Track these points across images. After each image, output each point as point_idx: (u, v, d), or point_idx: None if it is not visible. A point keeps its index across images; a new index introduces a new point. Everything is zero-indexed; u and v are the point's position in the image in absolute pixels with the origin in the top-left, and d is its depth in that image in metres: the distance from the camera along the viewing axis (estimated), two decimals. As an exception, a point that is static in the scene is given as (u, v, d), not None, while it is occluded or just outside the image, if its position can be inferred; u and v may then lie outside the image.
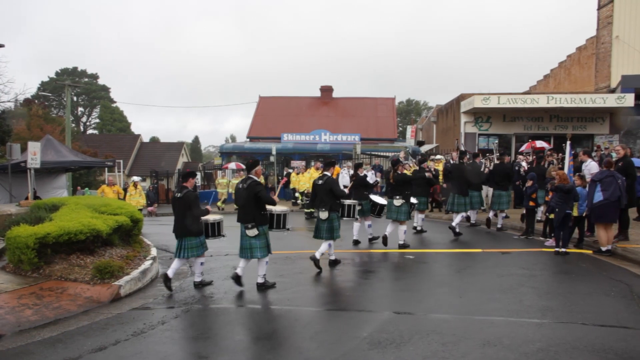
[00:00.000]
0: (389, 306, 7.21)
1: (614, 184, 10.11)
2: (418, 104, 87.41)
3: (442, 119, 34.62)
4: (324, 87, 45.89)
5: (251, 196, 8.55)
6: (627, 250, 10.22)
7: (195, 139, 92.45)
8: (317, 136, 35.99)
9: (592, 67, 27.69)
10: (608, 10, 25.74)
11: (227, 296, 8.00)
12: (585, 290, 7.89)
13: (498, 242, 12.45)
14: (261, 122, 41.68)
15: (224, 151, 36.88)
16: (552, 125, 25.33)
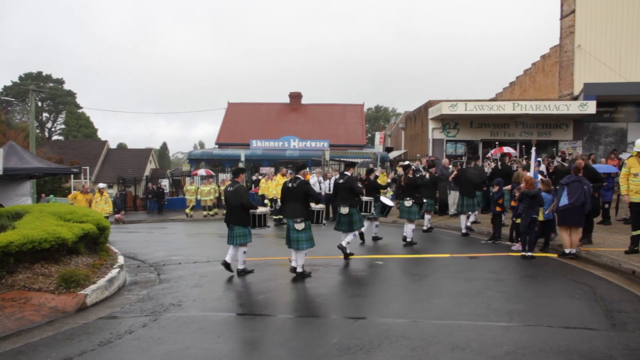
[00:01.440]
0: (359, 312, 7.22)
1: (580, 189, 10.31)
2: (387, 110, 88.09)
3: (411, 126, 34.90)
4: (293, 94, 45.96)
5: (301, 194, 9.73)
6: (591, 254, 10.42)
7: (164, 146, 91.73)
8: (286, 143, 36.00)
9: (556, 75, 28.25)
10: (570, 20, 26.31)
11: (195, 304, 7.91)
12: (551, 293, 8.03)
13: (466, 247, 12.58)
14: (230, 129, 41.53)
15: (192, 158, 36.67)
16: (518, 132, 25.76)
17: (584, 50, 25.76)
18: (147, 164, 54.92)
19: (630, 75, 24.75)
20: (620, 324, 6.34)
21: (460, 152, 25.90)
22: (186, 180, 30.66)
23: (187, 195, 26.20)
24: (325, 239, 12.90)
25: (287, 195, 10.09)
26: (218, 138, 41.27)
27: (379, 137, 35.93)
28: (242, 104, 45.59)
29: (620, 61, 25.39)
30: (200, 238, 17.27)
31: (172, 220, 25.44)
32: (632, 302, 7.33)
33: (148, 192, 31.98)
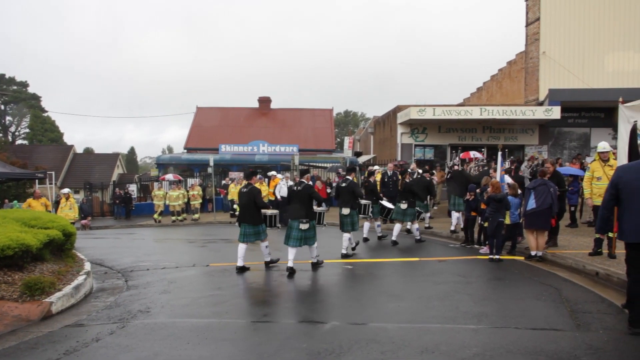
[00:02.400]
0: (328, 316, 7.23)
1: (547, 192, 10.49)
2: (356, 115, 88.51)
3: (379, 130, 35.09)
4: (262, 98, 45.85)
5: (305, 197, 10.54)
6: (556, 256, 10.60)
7: (131, 150, 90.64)
8: (255, 147, 35.86)
9: (522, 81, 28.72)
10: (535, 28, 26.83)
11: (164, 310, 7.83)
12: (518, 295, 8.15)
13: (434, 251, 12.70)
14: (199, 133, 41.25)
15: (160, 162, 36.29)
16: (486, 136, 26.10)
17: (548, 57, 26.26)
18: (115, 168, 54.19)
19: (592, 81, 25.31)
20: (584, 324, 6.48)
21: (429, 157, 26.15)
22: (154, 186, 30.35)
23: (156, 200, 25.93)
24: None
25: (292, 198, 10.84)
26: (187, 143, 40.93)
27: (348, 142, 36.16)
28: (211, 109, 45.30)
29: (583, 68, 25.95)
30: (168, 244, 17.10)
31: (140, 225, 25.15)
32: (596, 303, 7.49)
33: (115, 198, 31.56)
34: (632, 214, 6.02)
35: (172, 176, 29.48)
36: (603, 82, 25.20)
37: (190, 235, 18.98)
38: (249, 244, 10.98)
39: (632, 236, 6.01)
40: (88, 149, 72.95)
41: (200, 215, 25.45)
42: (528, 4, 27.54)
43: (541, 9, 26.46)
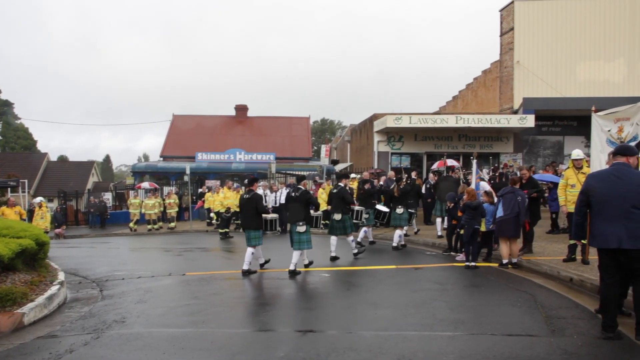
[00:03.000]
0: (305, 325, 7.21)
1: (514, 200, 10.61)
2: (332, 123, 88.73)
3: (356, 138, 35.21)
4: (239, 106, 45.77)
5: (303, 201, 11.17)
6: (531, 262, 10.71)
7: (107, 158, 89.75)
8: (231, 155, 35.76)
9: (496, 90, 29.09)
10: (509, 37, 27.25)
11: (139, 320, 7.74)
12: (494, 302, 8.21)
13: (411, 259, 12.74)
14: (175, 141, 41.02)
15: (136, 170, 36.02)
16: (461, 144, 26.34)
17: (522, 66, 26.66)
18: (90, 177, 53.55)
19: (565, 90, 25.74)
20: (559, 329, 6.55)
21: (405, 165, 26.30)
22: (130, 194, 30.08)
23: (131, 209, 25.68)
24: (272, 252, 12.85)
25: (290, 203, 11.54)
26: (163, 151, 40.67)
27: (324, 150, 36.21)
28: (187, 116, 45.09)
29: (556, 77, 26.40)
30: (144, 253, 16.94)
31: (115, 234, 24.88)
32: (570, 309, 7.57)
33: (90, 206, 31.21)
34: (601, 220, 6.12)
35: (148, 184, 29.26)
36: (575, 91, 25.67)
37: (166, 244, 18.82)
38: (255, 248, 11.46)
39: (601, 242, 6.11)
40: (62, 156, 72.01)
41: (177, 224, 25.26)
42: (502, 14, 27.96)
43: (515, 20, 26.91)
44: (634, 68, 26.43)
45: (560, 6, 27.05)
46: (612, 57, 26.57)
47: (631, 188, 5.99)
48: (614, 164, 6.31)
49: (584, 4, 26.97)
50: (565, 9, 26.94)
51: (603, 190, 6.13)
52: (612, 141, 9.52)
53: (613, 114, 9.66)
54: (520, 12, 27.04)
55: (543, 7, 27.12)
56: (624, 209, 5.96)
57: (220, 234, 19.04)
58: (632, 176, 6.07)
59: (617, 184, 6.06)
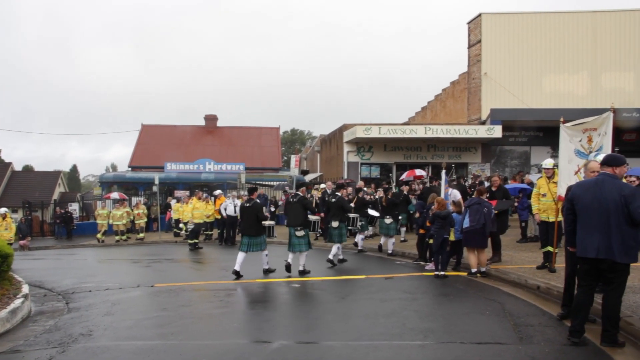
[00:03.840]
0: (276, 336, 7.17)
1: (480, 211, 10.74)
2: (302, 133, 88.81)
3: (326, 149, 35.31)
4: (208, 116, 45.58)
5: (301, 207, 12.00)
6: (500, 271, 10.83)
7: (74, 168, 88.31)
8: (201, 165, 35.50)
9: (464, 101, 29.49)
10: (477, 49, 27.69)
11: (107, 333, 7.61)
12: (463, 310, 8.28)
13: (381, 268, 12.78)
14: (144, 151, 40.63)
15: (104, 181, 35.44)
16: (430, 155, 26.61)
17: (490, 77, 27.08)
18: (56, 187, 52.57)
19: (531, 101, 26.21)
20: (527, 337, 6.63)
21: (375, 175, 26.46)
22: (97, 204, 29.61)
23: (99, 219, 25.28)
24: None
25: (289, 208, 12.31)
26: (131, 161, 40.23)
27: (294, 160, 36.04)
28: (156, 126, 44.71)
29: (522, 89, 26.87)
30: (112, 264, 16.68)
31: (82, 245, 24.46)
32: (537, 316, 7.68)
33: (56, 217, 30.64)
34: (582, 229, 6.23)
35: (116, 194, 28.87)
36: (541, 103, 26.16)
37: (134, 255, 18.56)
38: (249, 253, 12.04)
39: (581, 251, 6.21)
40: (27, 166, 70.60)
41: (145, 235, 24.96)
42: (470, 27, 28.42)
43: (482, 32, 27.36)
44: (597, 81, 27.09)
45: (526, 20, 27.63)
46: (575, 70, 27.20)
47: (611, 200, 6.05)
48: (600, 174, 6.40)
49: (549, 18, 27.60)
50: (530, 22, 27.51)
51: (585, 200, 6.23)
52: (582, 152, 9.68)
53: (581, 125, 9.83)
54: (488, 25, 27.52)
55: (509, 21, 27.65)
56: (603, 219, 6.05)
57: (190, 245, 18.86)
58: (614, 188, 6.11)
59: (598, 195, 6.14)
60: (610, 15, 27.45)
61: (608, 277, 6.13)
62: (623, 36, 27.04)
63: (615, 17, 27.37)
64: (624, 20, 27.20)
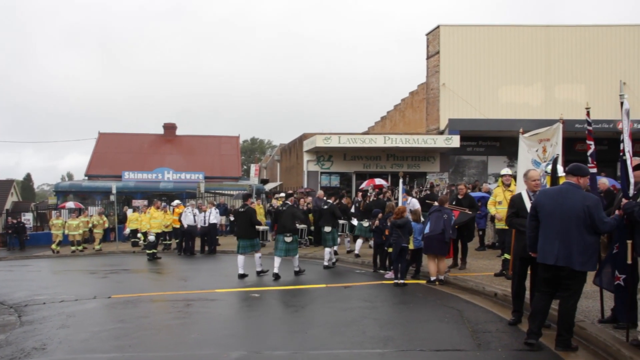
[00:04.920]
0: (236, 346, 7.11)
1: (441, 219, 10.91)
2: (262, 142, 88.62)
3: (286, 158, 35.32)
4: (167, 125, 45.09)
5: (289, 215, 12.82)
6: (458, 279, 10.98)
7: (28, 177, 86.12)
8: (159, 174, 35.12)
9: (423, 111, 29.89)
10: (435, 60, 28.16)
11: (61, 346, 7.42)
12: (423, 318, 8.36)
13: (341, 277, 12.83)
14: (101, 160, 39.94)
15: (59, 190, 34.75)
16: (389, 164, 26.85)
17: (448, 88, 27.54)
18: (9, 196, 51.30)
19: (488, 112, 26.72)
20: (484, 343, 6.74)
21: (335, 184, 26.57)
22: (52, 214, 28.93)
23: (54, 229, 24.65)
24: (201, 273, 12.67)
25: (279, 216, 13.19)
26: (88, 169, 39.49)
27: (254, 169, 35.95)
28: (114, 134, 44.02)
29: (479, 99, 27.40)
30: (68, 275, 16.31)
31: (36, 256, 23.81)
32: (495, 322, 7.81)
33: (8, 227, 29.79)
34: (544, 236, 6.36)
35: (72, 204, 28.29)
36: (498, 113, 26.69)
37: (91, 266, 18.18)
38: (246, 255, 13.07)
39: (541, 257, 6.33)
40: (-22, 175, 68.64)
41: (102, 245, 24.47)
42: (429, 38, 28.87)
43: (440, 43, 27.84)
44: (551, 92, 27.82)
45: (483, 32, 28.23)
46: (530, 82, 27.87)
47: (575, 209, 6.18)
48: (564, 183, 6.56)
49: (505, 31, 28.27)
50: (487, 35, 28.12)
51: (549, 208, 6.36)
52: (538, 161, 9.93)
53: (536, 135, 10.09)
54: (445, 37, 28.01)
55: (467, 33, 28.21)
56: (565, 228, 6.19)
57: (148, 255, 18.57)
58: (576, 197, 6.24)
59: (561, 203, 6.28)
60: (563, 30, 28.32)
61: (566, 284, 6.28)
62: (575, 50, 27.88)
63: (567, 32, 28.26)
64: (576, 35, 28.09)
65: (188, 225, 19.55)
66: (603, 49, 27.85)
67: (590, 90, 27.27)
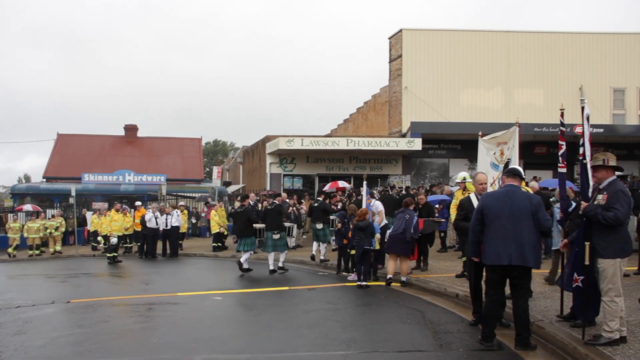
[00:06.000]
0: (198, 350, 7.03)
1: (403, 219, 11.02)
2: (225, 144, 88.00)
3: (249, 160, 35.19)
4: (128, 126, 44.53)
5: (276, 213, 13.58)
6: (420, 280, 11.08)
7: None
8: (120, 177, 34.63)
9: (386, 114, 30.14)
10: (398, 64, 28.44)
11: (17, 353, 7.22)
12: (385, 319, 8.42)
13: (304, 280, 12.82)
14: (60, 162, 39.19)
15: (16, 192, 33.95)
16: (352, 166, 26.97)
17: (410, 91, 27.84)
18: (-39, 199, 49.85)
19: (450, 115, 27.11)
20: (446, 344, 6.82)
21: (298, 187, 26.57)
22: (9, 217, 28.21)
23: (10, 233, 24.00)
24: (163, 276, 12.53)
25: (267, 214, 13.69)
26: (46, 171, 38.71)
27: (216, 172, 35.86)
28: (73, 136, 43.23)
29: (441, 103, 27.78)
30: (25, 280, 15.94)
31: (-9, 261, 23.20)
32: (456, 323, 7.91)
33: (-39, 231, 28.96)
34: (494, 238, 6.45)
35: (30, 207, 27.63)
36: (459, 117, 27.10)
37: (49, 270, 17.80)
38: (244, 253, 13.80)
39: (494, 259, 6.42)
40: None
41: (62, 249, 23.96)
42: (391, 41, 29.15)
43: (403, 47, 28.15)
44: (510, 96, 28.40)
45: (445, 37, 28.66)
46: (491, 86, 28.40)
47: (521, 208, 6.40)
48: (507, 185, 6.70)
49: (466, 36, 28.75)
50: (449, 39, 28.56)
51: (497, 210, 6.48)
52: (496, 164, 10.08)
53: (494, 138, 10.25)
54: (408, 40, 28.31)
55: (429, 37, 28.58)
56: (515, 227, 6.35)
57: (109, 259, 18.27)
58: (522, 197, 6.50)
59: (509, 204, 6.45)
60: (522, 36, 28.98)
61: (517, 283, 6.42)
62: (534, 56, 28.52)
63: (526, 37, 28.93)
64: (535, 41, 28.75)
65: (150, 228, 19.31)
66: (561, 56, 28.58)
67: (548, 95, 27.94)
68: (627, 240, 6.27)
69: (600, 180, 6.37)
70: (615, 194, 6.09)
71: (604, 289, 6.13)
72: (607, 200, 6.12)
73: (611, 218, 5.96)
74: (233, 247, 19.22)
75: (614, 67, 28.78)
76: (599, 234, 6.17)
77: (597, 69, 28.64)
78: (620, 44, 29.12)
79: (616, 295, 6.04)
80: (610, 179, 6.30)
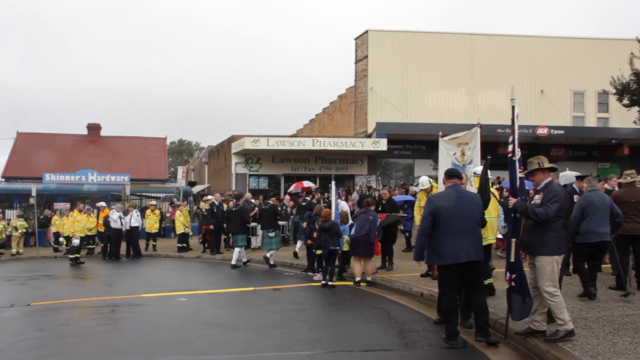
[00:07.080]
0: (163, 352, 6.97)
1: (365, 220, 11.08)
2: (190, 144, 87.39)
3: (214, 160, 34.97)
4: (91, 125, 43.84)
5: (271, 213, 14.60)
6: (385, 280, 11.16)
7: None
8: (83, 176, 34.04)
9: (351, 114, 30.27)
10: (363, 65, 28.61)
11: (-23, 356, 7.06)
12: (351, 319, 8.46)
13: (270, 280, 12.80)
14: (20, 161, 38.37)
15: (-28, 192, 33.02)
16: (318, 167, 27.00)
17: (375, 92, 28.03)
18: None
19: (415, 116, 27.37)
20: (411, 342, 6.89)
21: (263, 187, 26.52)
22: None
23: (-32, 235, 23.42)
24: (127, 277, 12.36)
25: (262, 214, 14.81)
26: (5, 171, 37.86)
27: (181, 172, 35.51)
28: (34, 134, 42.37)
29: (406, 104, 28.05)
30: None
31: (-53, 263, 22.57)
32: (421, 322, 8.00)
33: None
34: (450, 237, 6.54)
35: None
36: (424, 117, 27.38)
37: (8, 272, 17.39)
38: (238, 248, 14.79)
39: (453, 258, 6.51)
40: None
41: (22, 250, 23.44)
42: (357, 42, 29.31)
43: (369, 48, 28.34)
44: (474, 98, 28.85)
45: (410, 38, 28.94)
46: (455, 88, 28.81)
47: (473, 205, 6.69)
48: (452, 185, 6.88)
49: (430, 37, 29.10)
50: (414, 40, 28.85)
51: (449, 209, 6.60)
52: (457, 164, 10.18)
53: (455, 139, 10.36)
54: (374, 41, 28.51)
55: (394, 38, 28.82)
56: (468, 224, 6.58)
57: (71, 260, 17.93)
58: (471, 195, 6.84)
59: (460, 202, 6.65)
60: (486, 39, 29.47)
61: (471, 279, 6.63)
62: (496, 58, 29.01)
63: (489, 40, 29.43)
64: (498, 44, 29.25)
65: (113, 229, 19.02)
66: (523, 58, 29.13)
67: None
68: (563, 239, 6.52)
69: (538, 183, 6.64)
70: (549, 193, 6.39)
71: (543, 286, 6.31)
72: (542, 199, 6.41)
73: (541, 213, 6.23)
74: (198, 247, 19.11)
75: (574, 70, 29.51)
76: (537, 232, 6.42)
77: (558, 72, 29.34)
78: (581, 49, 29.90)
79: (555, 291, 6.27)
80: (547, 180, 6.59)
